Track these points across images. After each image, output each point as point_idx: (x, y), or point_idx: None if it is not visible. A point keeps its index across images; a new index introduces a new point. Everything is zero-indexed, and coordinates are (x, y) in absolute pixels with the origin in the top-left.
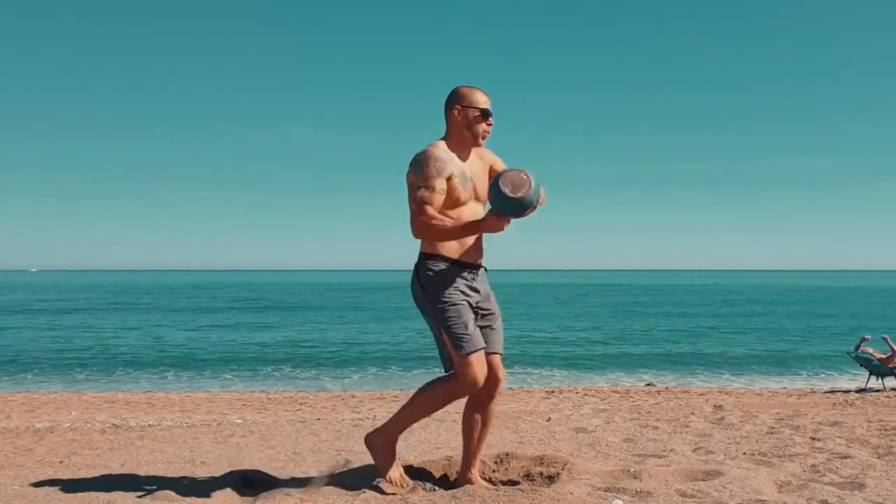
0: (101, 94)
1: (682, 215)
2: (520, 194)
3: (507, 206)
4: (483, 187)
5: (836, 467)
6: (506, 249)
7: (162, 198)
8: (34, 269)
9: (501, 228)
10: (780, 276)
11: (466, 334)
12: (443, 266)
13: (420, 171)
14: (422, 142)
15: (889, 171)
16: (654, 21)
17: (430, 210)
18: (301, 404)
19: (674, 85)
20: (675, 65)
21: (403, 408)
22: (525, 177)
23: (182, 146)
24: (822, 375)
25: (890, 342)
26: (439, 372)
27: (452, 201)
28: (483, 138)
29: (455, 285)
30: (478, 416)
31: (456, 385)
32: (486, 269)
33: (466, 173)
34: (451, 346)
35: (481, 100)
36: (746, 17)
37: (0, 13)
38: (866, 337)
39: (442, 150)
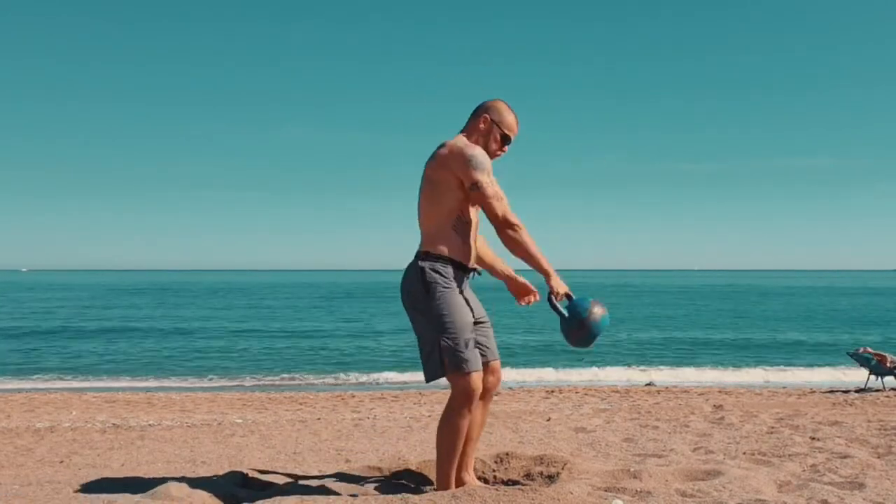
0: (96, 93)
1: (682, 215)
2: (596, 316)
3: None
4: None
5: (836, 467)
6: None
7: (157, 197)
8: (25, 269)
9: (564, 289)
10: (780, 276)
11: (467, 356)
12: (450, 269)
13: (481, 165)
14: (423, 141)
15: (889, 171)
16: (654, 21)
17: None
18: (301, 404)
19: (674, 85)
20: (675, 65)
21: (438, 451)
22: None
23: (178, 146)
24: (822, 373)
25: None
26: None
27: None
28: (492, 158)
29: (460, 296)
30: (474, 418)
31: (462, 404)
32: (479, 273)
33: None
34: (448, 361)
35: (510, 123)
36: (747, 17)
37: None
38: (868, 348)
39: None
